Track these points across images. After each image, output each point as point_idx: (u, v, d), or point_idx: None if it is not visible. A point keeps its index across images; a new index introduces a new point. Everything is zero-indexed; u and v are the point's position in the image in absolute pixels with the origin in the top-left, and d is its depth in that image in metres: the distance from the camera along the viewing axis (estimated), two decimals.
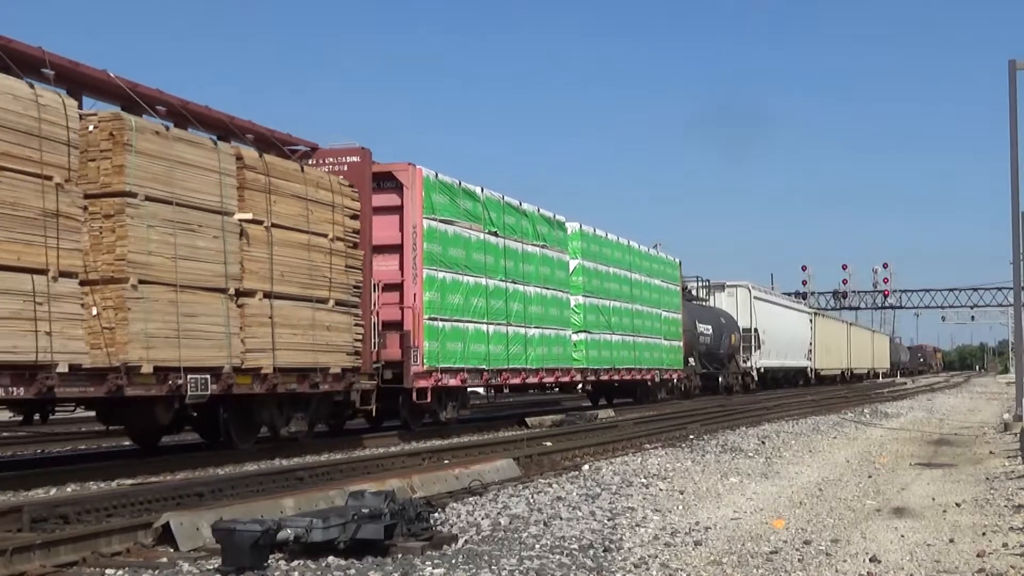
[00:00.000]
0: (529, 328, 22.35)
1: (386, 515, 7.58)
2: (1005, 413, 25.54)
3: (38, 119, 11.05)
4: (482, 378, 20.77)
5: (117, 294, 11.93)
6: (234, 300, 13.63)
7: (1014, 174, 22.66)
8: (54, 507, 9.06)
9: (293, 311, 14.72)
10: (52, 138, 11.16)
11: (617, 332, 27.62)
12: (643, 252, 30.76)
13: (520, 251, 22.18)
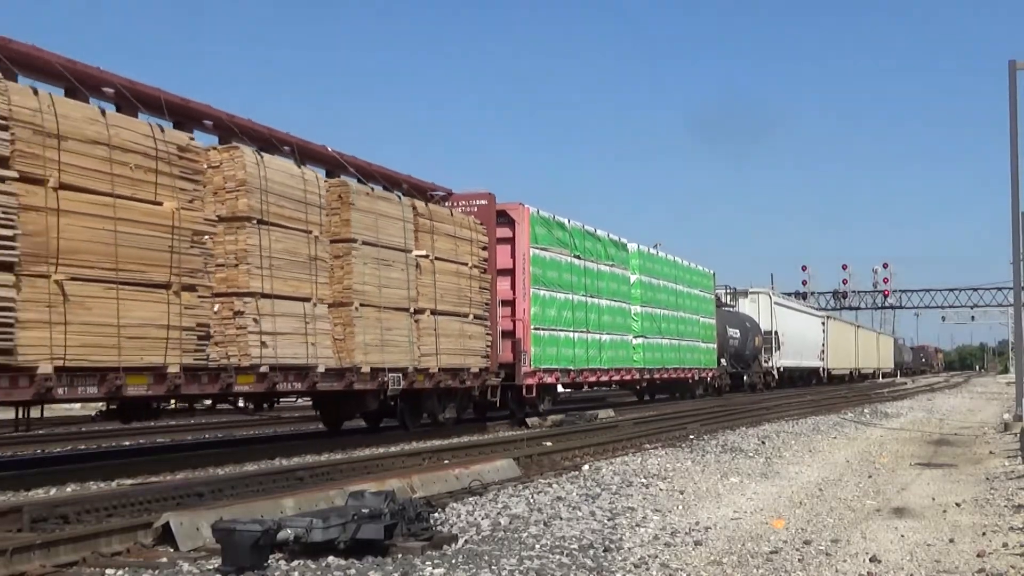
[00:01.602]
0: (602, 334, 26.57)
1: (386, 515, 7.58)
2: (1005, 413, 25.54)
3: (304, 190, 15.26)
4: (569, 377, 24.83)
5: (346, 314, 16.00)
6: (413, 317, 17.76)
7: (1014, 174, 22.65)
8: (54, 507, 9.05)
9: (448, 324, 18.85)
10: (311, 203, 15.39)
11: (666, 336, 31.87)
12: (685, 266, 34.44)
13: (596, 270, 26.43)
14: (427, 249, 18.25)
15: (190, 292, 12.76)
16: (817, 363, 59.00)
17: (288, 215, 14.86)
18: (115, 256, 11.79)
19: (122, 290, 11.87)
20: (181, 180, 12.79)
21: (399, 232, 17.44)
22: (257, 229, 14.24)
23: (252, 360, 13.94)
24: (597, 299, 26.35)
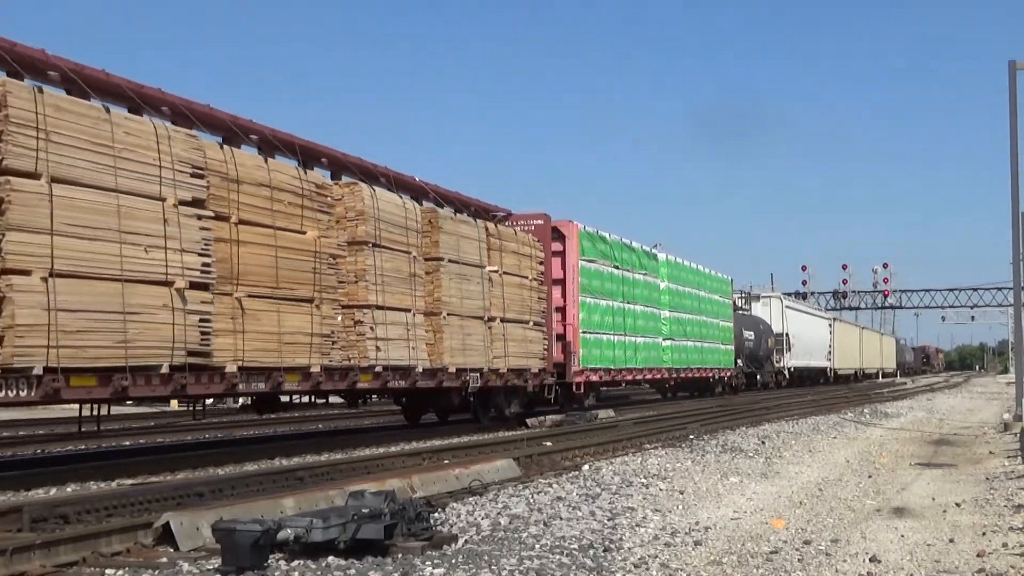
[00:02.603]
0: (637, 337, 29.04)
1: (386, 515, 7.58)
2: (1005, 413, 25.54)
3: (404, 217, 17.83)
4: (610, 376, 27.42)
5: (436, 322, 18.61)
6: (486, 324, 20.39)
7: (1014, 174, 22.66)
8: (54, 507, 9.05)
9: (514, 330, 21.60)
10: (409, 227, 17.99)
11: (691, 339, 34.27)
12: (706, 273, 36.81)
13: (631, 279, 28.87)
14: (497, 265, 21.02)
15: (327, 305, 15.52)
16: (824, 363, 61.30)
17: (394, 239, 17.49)
18: (276, 277, 14.56)
19: (281, 304, 14.62)
20: (319, 212, 15.59)
21: (475, 251, 20.24)
22: (372, 251, 16.83)
23: (370, 361, 16.58)
24: (633, 305, 28.82)
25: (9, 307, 10.73)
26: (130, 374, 12.04)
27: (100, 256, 11.80)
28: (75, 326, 11.40)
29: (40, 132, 11.25)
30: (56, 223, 11.30)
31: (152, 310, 12.36)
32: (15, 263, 10.87)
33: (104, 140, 12.04)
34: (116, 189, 12.07)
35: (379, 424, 24.17)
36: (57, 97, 11.77)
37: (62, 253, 11.32)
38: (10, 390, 10.85)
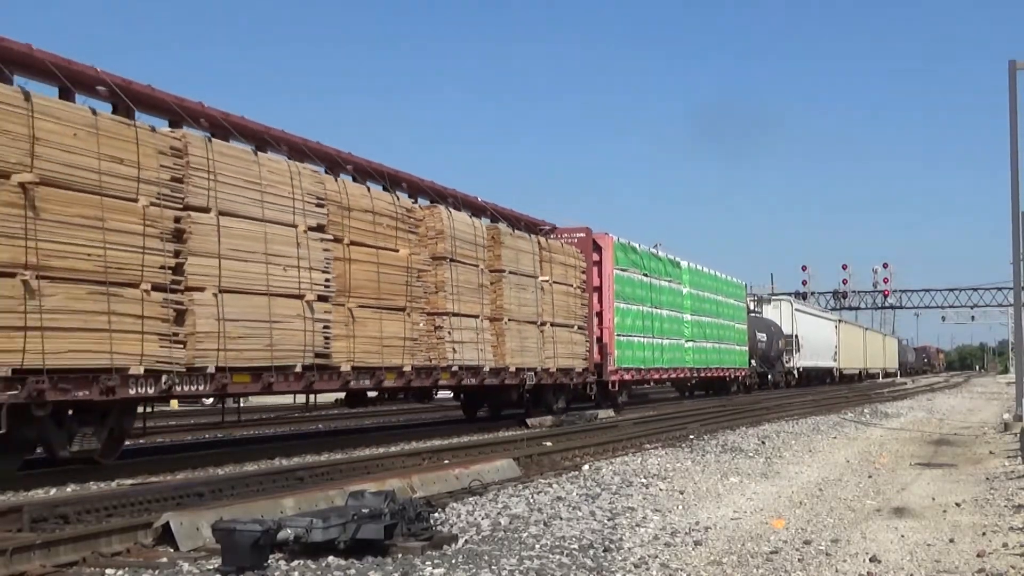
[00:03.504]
0: (663, 339, 31.44)
1: (386, 515, 7.57)
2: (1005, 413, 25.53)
3: (473, 234, 20.26)
4: (640, 374, 29.93)
5: (499, 327, 21.08)
6: (539, 328, 22.86)
7: (1014, 174, 22.65)
8: (54, 507, 9.04)
9: (561, 333, 24.06)
10: (478, 243, 20.36)
11: (710, 340, 36.69)
12: (723, 279, 39.24)
13: (658, 285, 31.43)
14: (547, 275, 23.55)
15: (415, 313, 17.99)
16: (831, 363, 63.55)
17: (466, 253, 19.88)
18: (378, 289, 17.03)
19: (381, 313, 17.09)
20: (408, 233, 18.06)
21: (530, 263, 22.74)
22: (449, 265, 19.17)
23: (448, 362, 18.97)
24: (659, 309, 31.31)
25: (191, 318, 13.08)
26: (274, 372, 14.50)
27: (252, 275, 14.28)
28: (236, 333, 13.81)
29: (210, 174, 13.62)
30: (222, 248, 13.71)
31: (289, 319, 14.86)
32: (195, 282, 13.23)
33: (253, 178, 14.47)
34: (263, 219, 14.54)
35: (379, 424, 24.25)
36: (220, 144, 14.14)
37: (226, 273, 13.73)
38: (191, 385, 13.26)
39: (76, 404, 12.08)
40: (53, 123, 11.61)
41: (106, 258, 12.01)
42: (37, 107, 11.45)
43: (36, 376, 11.04)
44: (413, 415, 26.93)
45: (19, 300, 10.98)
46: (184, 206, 13.16)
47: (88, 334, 11.77)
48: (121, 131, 12.47)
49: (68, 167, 11.71)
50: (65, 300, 11.52)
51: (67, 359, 11.50)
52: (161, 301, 12.67)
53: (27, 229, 11.11)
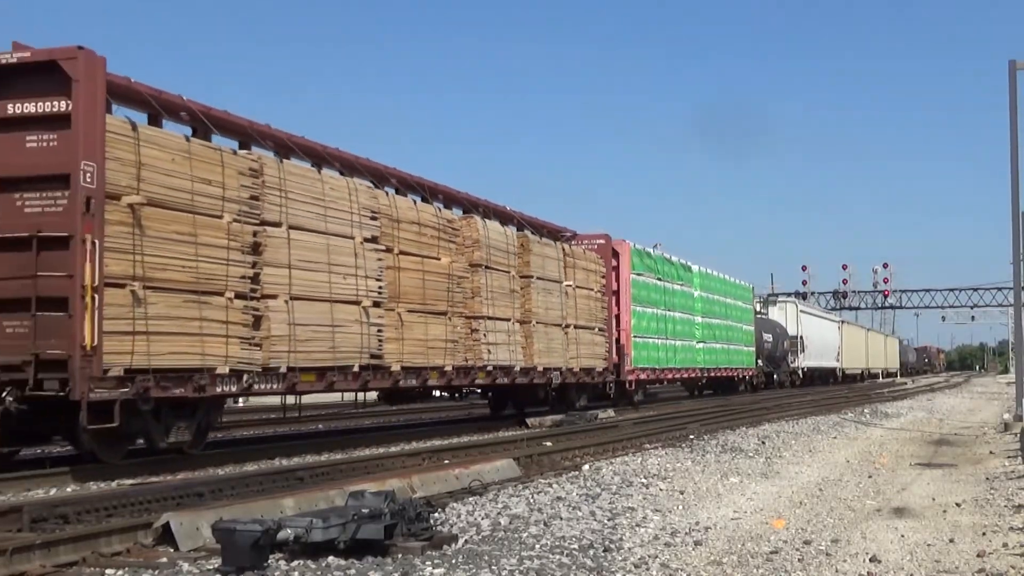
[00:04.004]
0: (676, 340, 33.07)
1: (386, 515, 7.57)
2: (1005, 413, 25.53)
3: (505, 242, 21.86)
4: (655, 374, 31.69)
5: (528, 329, 22.60)
6: (564, 330, 24.40)
7: (1014, 174, 22.65)
8: (54, 507, 9.04)
9: (583, 335, 25.60)
10: (509, 251, 21.98)
11: (719, 341, 38.27)
12: (732, 282, 40.82)
13: (671, 289, 33.07)
14: (571, 280, 25.06)
15: (455, 317, 19.48)
16: (834, 363, 64.98)
17: (499, 261, 21.46)
18: (423, 295, 18.53)
19: (427, 317, 18.59)
20: (448, 242, 19.60)
21: (555, 268, 24.32)
22: (484, 272, 20.72)
23: (483, 362, 20.47)
24: (672, 312, 32.91)
25: (266, 323, 14.51)
26: (336, 372, 16.00)
27: (317, 283, 15.68)
28: (304, 336, 15.23)
29: (281, 192, 15.06)
30: (292, 259, 15.13)
31: (348, 323, 16.26)
32: (269, 290, 14.65)
33: (317, 194, 15.91)
34: (326, 232, 15.98)
35: (379, 424, 24.27)
36: (289, 164, 15.65)
37: (295, 281, 15.15)
38: (266, 384, 14.72)
39: (172, 400, 13.31)
40: (155, 150, 13.04)
41: (198, 270, 13.46)
42: (142, 135, 12.90)
43: (143, 375, 12.50)
44: (412, 415, 26.98)
45: (128, 308, 12.41)
46: (260, 221, 14.61)
47: (183, 338, 13.21)
48: (209, 155, 13.90)
49: (167, 188, 13.11)
50: (165, 308, 12.93)
51: (167, 360, 12.91)
52: (242, 308, 14.11)
53: (134, 245, 12.58)
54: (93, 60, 12.38)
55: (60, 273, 11.88)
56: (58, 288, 11.89)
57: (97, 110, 12.38)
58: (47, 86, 12.28)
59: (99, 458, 12.97)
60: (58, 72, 12.20)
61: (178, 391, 13.10)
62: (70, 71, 12.19)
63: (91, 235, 11.94)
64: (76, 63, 12.19)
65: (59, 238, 11.93)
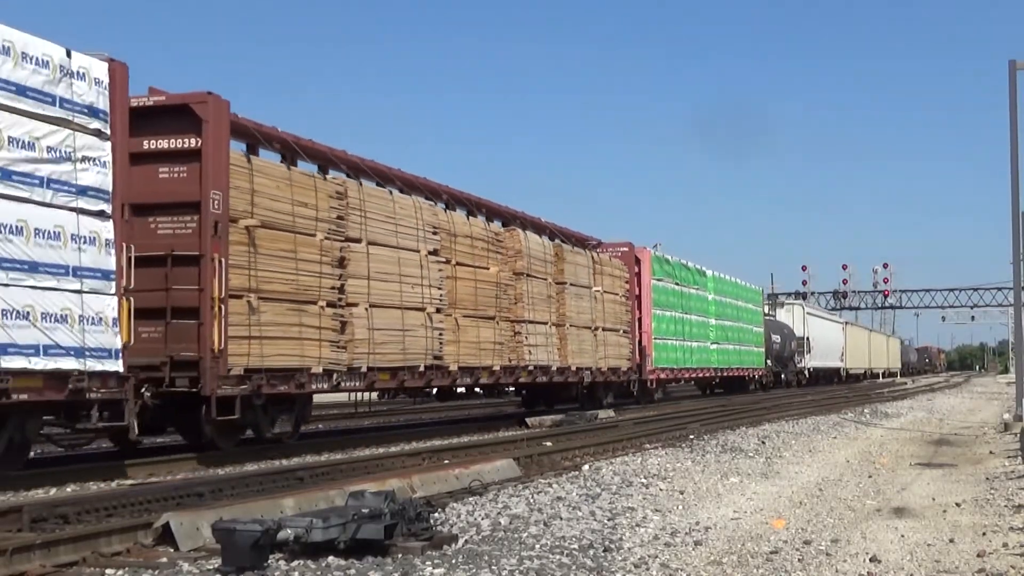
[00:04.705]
0: (692, 342, 35.11)
1: (386, 515, 7.57)
2: (1005, 413, 25.51)
3: (543, 252, 24.03)
4: (673, 374, 33.97)
5: (562, 332, 24.57)
6: (593, 332, 26.45)
7: (1014, 174, 22.66)
8: (54, 507, 9.04)
9: (610, 337, 27.76)
10: (546, 260, 24.15)
11: (731, 342, 40.34)
12: (743, 285, 43.01)
13: (687, 293, 35.12)
14: (599, 286, 27.14)
15: (502, 321, 21.57)
16: (838, 364, 66.96)
17: (538, 269, 23.53)
18: (476, 302, 20.57)
19: (478, 322, 20.65)
20: (496, 253, 21.73)
21: (586, 275, 26.40)
22: (526, 280, 22.77)
23: (525, 362, 22.52)
24: (688, 315, 34.94)
25: (350, 328, 16.42)
26: (406, 371, 18.02)
27: (390, 292, 17.61)
28: (380, 339, 17.22)
29: (361, 212, 17.00)
30: (370, 271, 17.08)
31: (415, 328, 18.23)
32: (352, 299, 16.58)
33: (389, 213, 17.84)
34: (396, 246, 17.93)
35: (379, 424, 24.29)
36: (368, 187, 17.59)
37: (373, 291, 17.08)
38: (350, 382, 16.75)
39: (277, 396, 15.24)
40: (265, 178, 15.08)
41: (297, 282, 15.42)
42: (255, 166, 14.96)
43: (257, 374, 14.51)
44: (412, 415, 27.02)
45: (246, 316, 14.38)
46: (345, 238, 16.53)
47: (286, 342, 15.18)
48: (305, 181, 15.94)
49: (274, 212, 15.10)
50: (272, 315, 14.91)
51: (275, 361, 14.91)
52: (331, 315, 16.05)
53: (250, 261, 14.55)
54: (220, 103, 14.32)
55: (191, 286, 13.83)
56: (189, 299, 13.82)
57: (223, 146, 14.33)
58: (179, 125, 14.15)
59: (217, 446, 14.85)
60: (189, 113, 14.10)
61: (283, 388, 15.12)
62: (200, 113, 14.09)
63: (218, 254, 13.89)
64: (206, 106, 14.11)
65: (190, 256, 13.89)
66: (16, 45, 11.11)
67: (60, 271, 11.47)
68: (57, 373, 11.34)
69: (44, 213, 11.34)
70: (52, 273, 11.37)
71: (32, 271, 11.14)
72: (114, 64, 12.36)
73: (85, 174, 11.87)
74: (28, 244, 11.12)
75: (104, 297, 11.98)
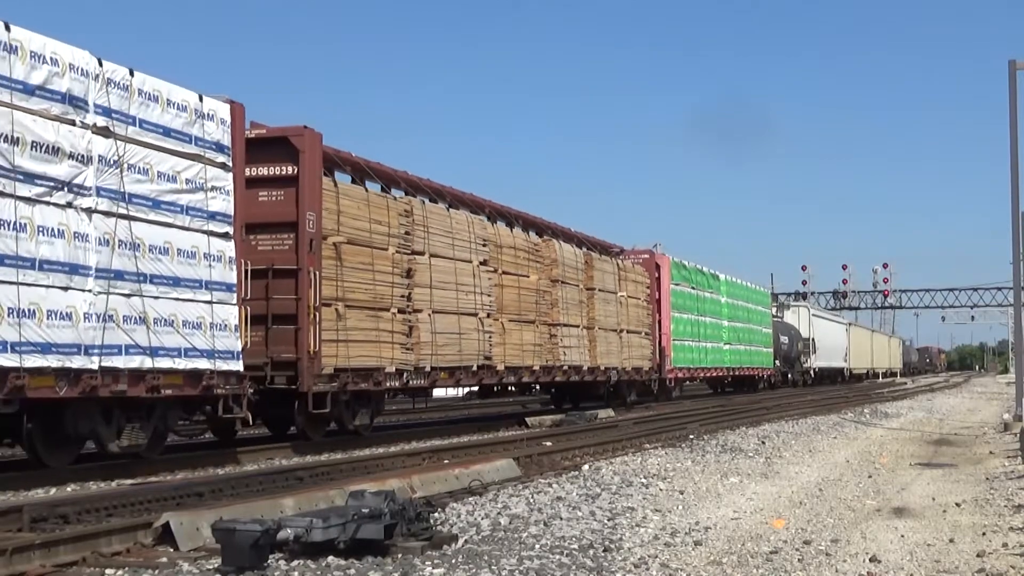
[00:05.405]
0: (706, 343, 37.07)
1: (386, 515, 7.57)
2: (1005, 413, 25.52)
3: (575, 260, 26.03)
4: (689, 373, 35.98)
5: (591, 334, 26.53)
6: (618, 334, 28.55)
7: (1014, 174, 22.65)
8: (54, 507, 9.04)
9: (633, 339, 29.92)
10: (578, 267, 26.16)
11: (743, 343, 42.21)
12: (752, 288, 45.08)
13: (703, 296, 37.10)
14: (624, 291, 29.20)
15: (540, 325, 23.52)
16: (842, 364, 68.85)
17: (570, 276, 25.49)
18: (519, 307, 22.63)
19: (521, 326, 22.67)
20: (535, 262, 23.79)
21: (612, 281, 28.44)
22: (561, 287, 24.77)
23: (561, 362, 24.50)
24: (704, 317, 36.85)
25: (416, 332, 18.41)
26: (462, 371, 20.13)
27: (448, 299, 19.61)
28: (440, 342, 19.23)
29: (424, 228, 19.02)
30: (432, 281, 19.06)
31: (469, 332, 20.26)
32: (418, 306, 18.54)
33: (446, 228, 19.88)
34: (453, 258, 19.96)
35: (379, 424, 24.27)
36: (430, 205, 19.67)
37: (435, 298, 19.09)
38: (417, 380, 18.71)
39: (358, 393, 17.21)
40: (348, 200, 17.06)
41: (374, 291, 17.40)
42: (340, 190, 16.99)
43: (344, 373, 16.50)
44: (412, 415, 27.02)
45: (334, 322, 16.35)
46: (411, 251, 18.51)
47: (366, 344, 17.15)
48: (379, 201, 17.99)
49: (355, 229, 17.05)
50: (355, 321, 16.85)
51: (357, 361, 16.91)
52: (401, 320, 18.04)
53: (337, 274, 16.51)
54: (314, 135, 16.34)
55: (289, 296, 15.79)
56: (287, 307, 15.77)
57: (316, 173, 16.32)
58: (278, 154, 16.09)
59: (307, 436, 16.71)
60: (287, 144, 16.08)
61: (363, 385, 17.15)
62: (297, 144, 16.06)
63: (313, 267, 15.89)
64: (303, 138, 16.08)
65: (288, 270, 15.86)
66: (163, 93, 13.07)
67: (196, 285, 13.42)
68: (194, 372, 13.29)
69: (184, 236, 13.29)
70: (190, 287, 13.32)
71: (175, 285, 13.09)
72: (234, 105, 14.28)
73: (214, 201, 13.81)
74: (172, 262, 13.07)
75: (228, 307, 13.93)
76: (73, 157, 11.75)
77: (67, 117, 11.74)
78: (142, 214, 12.67)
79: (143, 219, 12.67)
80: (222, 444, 16.14)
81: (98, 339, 11.83)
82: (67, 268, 11.59)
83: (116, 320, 12.09)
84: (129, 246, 12.38)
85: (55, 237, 11.47)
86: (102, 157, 12.12)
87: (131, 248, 12.41)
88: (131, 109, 12.57)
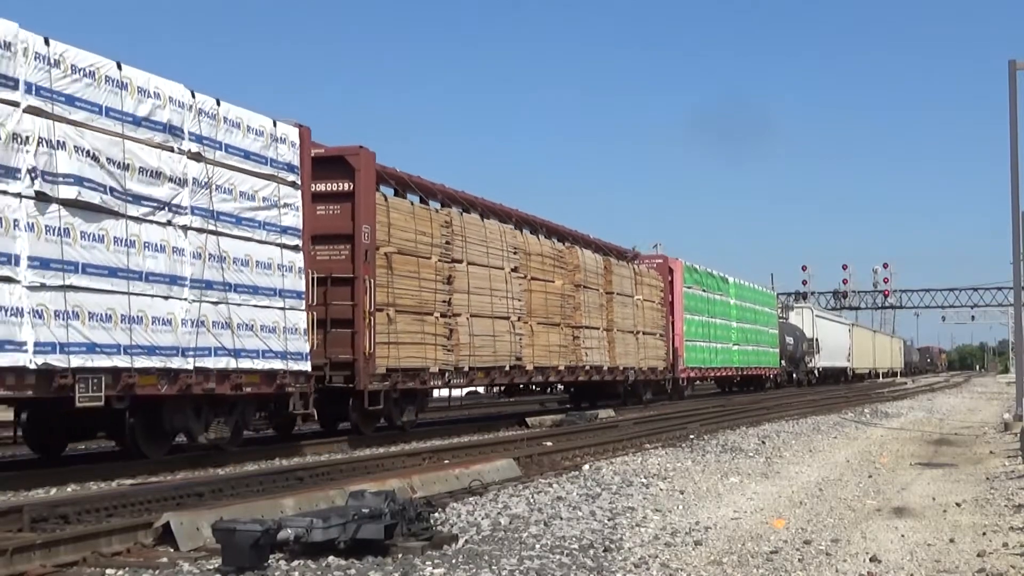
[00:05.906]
0: (716, 343, 38.55)
1: (386, 515, 7.56)
2: (1005, 413, 25.51)
3: (596, 266, 27.43)
4: (700, 372, 37.42)
5: (611, 336, 27.99)
6: (635, 336, 30.07)
7: (1014, 174, 22.65)
8: (54, 507, 9.04)
9: (648, 340, 31.43)
10: (598, 273, 27.53)
11: (750, 344, 43.62)
12: (759, 290, 46.86)
13: (713, 298, 38.55)
14: (640, 294, 30.84)
15: (565, 327, 24.88)
16: (845, 363, 70.44)
17: (592, 281, 26.90)
18: (546, 311, 24.03)
19: (548, 328, 24.03)
20: (559, 268, 25.15)
21: (629, 286, 29.95)
22: (583, 291, 26.12)
23: (583, 363, 25.90)
24: (714, 319, 38.34)
25: (456, 335, 19.88)
26: (496, 371, 21.61)
27: (483, 304, 21.04)
28: (477, 344, 20.71)
29: (462, 237, 20.48)
30: (470, 287, 20.50)
31: (502, 334, 21.76)
32: (457, 310, 20.03)
33: (481, 237, 21.33)
34: (488, 265, 21.43)
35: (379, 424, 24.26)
36: (466, 216, 21.02)
37: (472, 303, 20.53)
38: (457, 379, 20.36)
39: (406, 391, 18.67)
40: (397, 213, 18.53)
41: (420, 297, 18.84)
42: (391, 204, 18.45)
43: (394, 373, 17.97)
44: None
45: (386, 326, 17.79)
46: (451, 260, 19.94)
47: (413, 347, 18.60)
48: (423, 213, 19.47)
49: (403, 240, 18.51)
50: (403, 325, 18.32)
51: (406, 362, 18.37)
52: (443, 324, 19.47)
53: (388, 281, 17.91)
54: (368, 154, 17.82)
55: (346, 302, 17.17)
56: (344, 312, 17.13)
57: (371, 189, 17.80)
58: (335, 172, 17.41)
59: (360, 431, 18.15)
60: (344, 163, 17.50)
61: (411, 384, 18.66)
62: (353, 163, 17.52)
63: (368, 276, 17.29)
64: (358, 158, 17.57)
65: (344, 278, 17.25)
66: (244, 120, 14.45)
67: (271, 293, 14.81)
68: (270, 372, 14.62)
69: (261, 249, 14.69)
70: (267, 295, 14.69)
71: (254, 293, 14.46)
72: (302, 129, 15.61)
73: (286, 217, 15.19)
74: (252, 273, 14.44)
75: (298, 312, 15.26)
76: (172, 180, 13.20)
77: (167, 144, 13.16)
78: (227, 230, 14.06)
79: (228, 234, 14.07)
80: (283, 439, 17.74)
81: (192, 342, 13.27)
82: (167, 279, 13.04)
83: (207, 325, 13.51)
84: (217, 259, 13.80)
85: (158, 252, 12.94)
86: (195, 179, 13.54)
87: (219, 260, 13.82)
88: (218, 135, 13.96)
